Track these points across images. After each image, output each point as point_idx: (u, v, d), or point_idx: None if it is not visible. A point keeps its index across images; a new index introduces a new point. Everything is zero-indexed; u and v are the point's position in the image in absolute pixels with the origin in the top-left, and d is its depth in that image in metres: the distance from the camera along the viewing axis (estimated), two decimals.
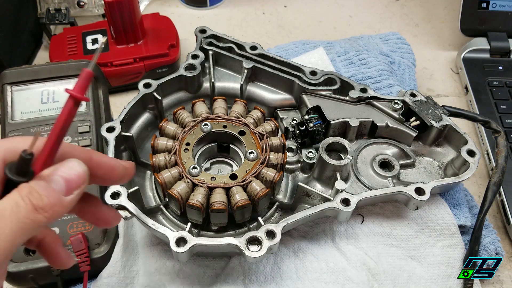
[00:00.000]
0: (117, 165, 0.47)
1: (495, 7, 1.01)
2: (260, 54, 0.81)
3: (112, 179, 0.47)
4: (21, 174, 0.40)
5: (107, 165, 0.46)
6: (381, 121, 0.75)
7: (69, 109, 0.41)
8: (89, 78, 0.41)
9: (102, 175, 0.45)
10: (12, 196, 0.38)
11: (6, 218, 0.37)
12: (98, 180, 0.46)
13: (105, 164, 0.46)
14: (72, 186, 0.41)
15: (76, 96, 0.40)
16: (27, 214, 0.38)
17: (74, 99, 0.41)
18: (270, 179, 0.65)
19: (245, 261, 0.67)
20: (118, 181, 0.48)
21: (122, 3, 0.87)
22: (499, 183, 0.70)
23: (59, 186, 0.40)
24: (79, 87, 0.41)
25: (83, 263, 0.65)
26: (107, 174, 0.46)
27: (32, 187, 0.39)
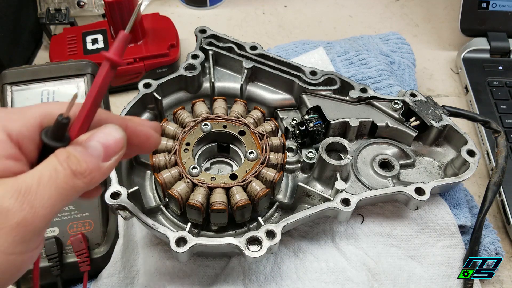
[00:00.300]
0: (151, 133, 0.46)
1: (495, 7, 1.01)
2: (260, 54, 0.81)
3: (146, 147, 0.46)
4: (57, 139, 0.39)
5: (143, 134, 0.45)
6: (381, 121, 0.75)
7: (105, 73, 0.40)
8: (126, 41, 0.39)
9: (137, 143, 0.45)
10: (50, 162, 0.37)
11: (45, 183, 0.36)
12: (133, 149, 0.45)
13: (141, 133, 0.45)
14: (110, 152, 0.40)
15: (112, 59, 0.39)
16: (66, 179, 0.37)
17: (111, 62, 0.39)
18: (270, 179, 0.65)
19: (245, 261, 0.67)
20: (150, 150, 0.47)
21: (122, 3, 0.87)
22: (499, 183, 0.70)
23: (97, 151, 0.39)
24: (115, 49, 0.39)
25: (83, 263, 0.66)
26: (142, 143, 0.45)
27: (70, 152, 0.38)
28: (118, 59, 0.39)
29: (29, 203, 0.35)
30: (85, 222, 0.69)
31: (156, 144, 0.47)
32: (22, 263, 0.37)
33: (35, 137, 0.39)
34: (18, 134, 0.38)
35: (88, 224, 0.68)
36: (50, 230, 0.67)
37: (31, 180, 0.36)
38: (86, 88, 0.78)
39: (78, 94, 0.78)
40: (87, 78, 0.79)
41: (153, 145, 0.47)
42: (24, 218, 0.35)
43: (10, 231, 0.34)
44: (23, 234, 0.35)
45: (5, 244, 0.34)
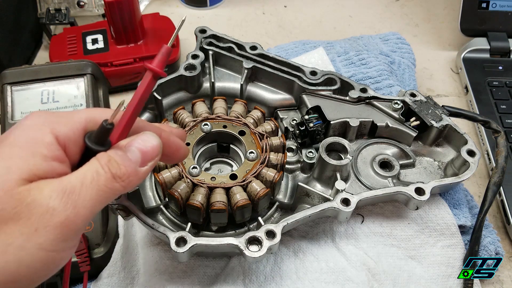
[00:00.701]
0: (182, 145, 0.49)
1: (495, 7, 1.01)
2: (260, 54, 0.81)
3: (175, 158, 0.49)
4: (99, 143, 0.41)
5: (174, 144, 0.48)
6: (381, 121, 0.75)
7: (148, 83, 0.42)
8: (169, 54, 0.42)
9: (167, 153, 0.46)
10: (92, 165, 0.39)
11: (87, 185, 0.38)
12: (164, 158, 0.47)
13: (172, 143, 0.47)
14: (147, 157, 0.42)
15: (156, 71, 0.41)
16: (106, 182, 0.39)
17: (153, 73, 0.42)
18: (270, 179, 0.65)
19: (245, 261, 0.67)
20: (178, 160, 0.50)
21: (122, 3, 0.87)
22: (499, 183, 0.70)
23: (135, 156, 0.41)
24: (158, 62, 0.41)
25: (83, 263, 0.66)
26: (173, 153, 0.48)
27: (111, 156, 0.40)
28: (160, 70, 0.42)
29: (72, 203, 0.37)
30: None
31: (185, 156, 0.50)
32: (60, 260, 0.39)
33: (79, 140, 0.41)
34: (65, 137, 0.40)
35: (88, 224, 0.68)
36: None
37: (75, 181, 0.38)
38: (86, 88, 0.78)
39: (78, 95, 0.78)
40: (87, 78, 0.79)
41: (182, 156, 0.50)
42: (67, 218, 0.37)
43: (53, 229, 0.36)
44: (65, 233, 0.37)
45: (48, 242, 0.36)
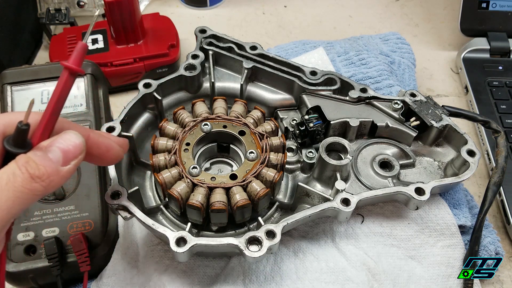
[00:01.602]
0: (113, 146, 0.48)
1: (495, 7, 1.01)
2: (260, 54, 0.81)
3: (107, 159, 0.49)
4: (18, 146, 0.41)
5: (104, 145, 0.47)
6: (381, 121, 0.75)
7: (65, 81, 0.42)
8: (84, 50, 0.43)
9: (98, 154, 0.47)
10: (9, 167, 0.39)
11: (3, 187, 0.38)
12: (94, 159, 0.47)
13: (102, 144, 0.47)
14: (69, 156, 0.41)
15: (71, 68, 0.41)
16: (23, 183, 0.38)
17: (69, 70, 0.42)
18: (270, 179, 0.65)
19: (245, 261, 0.67)
20: (111, 162, 0.49)
21: (122, 3, 0.87)
22: (499, 183, 0.70)
23: (56, 156, 0.40)
24: (74, 59, 0.42)
25: (83, 263, 0.65)
26: (103, 154, 0.47)
27: (29, 157, 0.40)
28: (77, 67, 0.42)
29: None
30: (85, 222, 0.69)
31: (117, 157, 0.50)
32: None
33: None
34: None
35: (88, 224, 0.68)
36: (50, 230, 0.67)
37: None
38: (86, 88, 0.78)
39: (78, 95, 0.78)
40: (87, 78, 0.79)
41: (114, 157, 0.49)
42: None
43: None
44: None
45: None
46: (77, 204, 0.69)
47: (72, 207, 0.69)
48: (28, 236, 0.67)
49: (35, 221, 0.68)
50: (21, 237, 0.67)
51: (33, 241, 0.66)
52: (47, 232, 0.67)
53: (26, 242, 0.66)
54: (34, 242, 0.66)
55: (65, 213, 0.69)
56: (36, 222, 0.68)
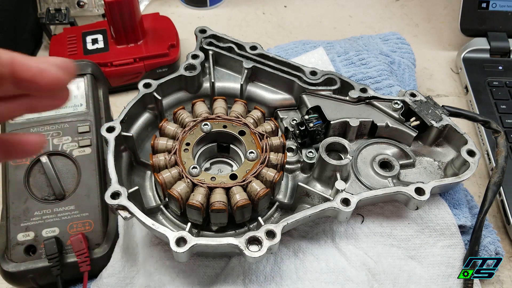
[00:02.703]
0: (47, 68, 0.40)
1: (495, 7, 1.01)
2: (260, 54, 0.81)
3: (42, 84, 0.40)
4: None
5: (35, 67, 0.40)
6: (381, 121, 0.75)
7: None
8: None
9: (30, 77, 0.40)
10: None
11: None
12: (27, 85, 0.40)
13: (32, 65, 0.40)
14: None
15: None
16: None
17: None
18: (270, 179, 0.65)
19: (245, 261, 0.67)
20: (50, 89, 0.41)
21: (122, 3, 0.87)
22: (499, 183, 0.70)
23: None
24: None
25: (83, 263, 0.66)
26: (36, 76, 0.40)
27: None
28: None
29: None
30: (85, 222, 0.69)
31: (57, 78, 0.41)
32: None
33: None
34: None
35: (88, 224, 0.68)
36: (50, 230, 0.67)
37: None
38: (86, 88, 0.78)
39: (78, 95, 0.78)
40: (87, 78, 0.79)
41: (51, 78, 0.41)
42: None
43: None
44: None
45: None
46: (77, 204, 0.69)
47: (72, 207, 0.69)
48: (28, 236, 0.67)
49: (35, 221, 0.68)
50: (21, 237, 0.67)
51: (33, 241, 0.67)
52: (47, 232, 0.67)
53: (26, 242, 0.66)
54: (34, 242, 0.66)
55: (65, 213, 0.69)
56: (36, 222, 0.68)
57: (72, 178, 0.71)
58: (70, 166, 0.72)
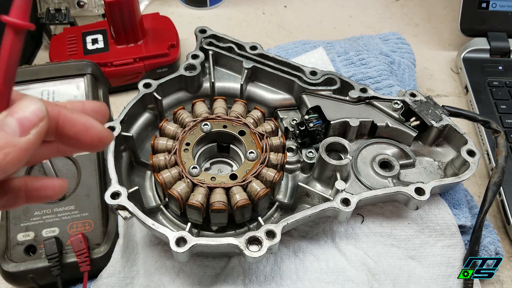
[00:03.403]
0: (92, 124, 0.40)
1: (495, 7, 1.01)
2: (260, 54, 0.81)
3: (88, 140, 0.40)
4: None
5: (80, 123, 0.40)
6: (381, 121, 0.75)
7: (12, 42, 0.34)
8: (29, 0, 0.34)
9: (74, 135, 0.40)
10: None
11: None
12: (70, 140, 0.40)
13: (78, 122, 0.40)
14: (26, 124, 0.36)
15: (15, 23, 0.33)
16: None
17: (13, 27, 0.33)
18: (270, 179, 0.65)
19: (245, 261, 0.67)
20: (93, 146, 0.41)
21: (122, 3, 0.87)
22: (499, 183, 0.70)
23: (11, 127, 0.35)
24: (16, 11, 0.33)
25: (83, 263, 0.66)
26: (81, 134, 0.40)
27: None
28: (23, 22, 0.33)
29: None
30: (85, 222, 0.69)
31: (101, 137, 0.41)
32: None
33: None
34: None
35: (88, 224, 0.68)
36: (50, 230, 0.67)
37: None
38: (86, 88, 0.78)
39: (78, 95, 0.78)
40: (87, 78, 0.79)
41: (96, 137, 0.40)
42: None
43: None
44: None
45: None
46: (77, 204, 0.69)
47: (72, 207, 0.69)
48: (28, 236, 0.67)
49: (35, 221, 0.68)
50: (21, 237, 0.67)
51: (33, 241, 0.66)
52: (47, 232, 0.67)
53: (26, 242, 0.66)
54: (34, 242, 0.66)
55: (65, 213, 0.69)
56: (36, 222, 0.68)
57: (72, 178, 0.71)
58: (70, 166, 0.72)
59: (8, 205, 0.42)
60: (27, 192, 0.42)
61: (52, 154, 0.44)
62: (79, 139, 0.40)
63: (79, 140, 0.40)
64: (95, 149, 0.42)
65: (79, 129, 0.40)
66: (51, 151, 0.44)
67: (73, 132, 0.40)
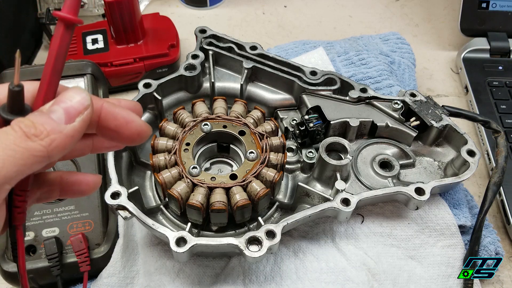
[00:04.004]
0: (133, 119, 0.42)
1: (495, 7, 1.01)
2: (260, 54, 0.81)
3: (128, 133, 0.42)
4: (15, 112, 0.37)
5: (121, 117, 0.41)
6: (381, 121, 0.75)
7: (61, 35, 0.37)
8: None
9: (115, 127, 0.41)
10: (2, 129, 0.35)
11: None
12: (110, 133, 0.41)
13: (119, 115, 0.41)
14: (71, 112, 0.37)
15: (67, 18, 0.36)
16: (16, 140, 0.34)
17: (65, 22, 0.36)
18: (270, 179, 0.65)
19: (245, 261, 0.67)
20: (132, 139, 0.42)
21: (122, 3, 0.87)
22: (499, 183, 0.70)
23: (57, 114, 0.36)
24: (68, 7, 0.36)
25: (83, 263, 0.66)
26: (120, 127, 0.41)
27: (25, 118, 0.36)
28: (74, 17, 0.36)
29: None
30: (85, 222, 0.69)
31: (141, 131, 0.42)
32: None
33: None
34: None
35: (88, 224, 0.69)
36: (50, 230, 0.67)
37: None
38: (86, 88, 0.78)
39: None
40: (87, 78, 0.79)
41: (136, 131, 0.42)
42: None
43: None
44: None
45: None
46: (77, 204, 0.69)
47: (72, 207, 0.69)
48: (28, 236, 0.67)
49: (35, 221, 0.68)
50: None
51: (33, 241, 0.67)
52: (47, 232, 0.67)
53: (26, 242, 0.66)
54: (34, 242, 0.66)
55: (65, 213, 0.69)
56: (36, 222, 0.68)
57: None
58: (70, 166, 0.72)
59: (43, 198, 0.43)
60: (61, 186, 0.44)
61: (87, 151, 0.45)
62: (120, 132, 0.41)
63: (120, 132, 0.42)
64: (134, 143, 0.43)
65: (120, 122, 0.41)
66: (87, 147, 0.45)
67: (114, 125, 0.41)
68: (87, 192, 0.45)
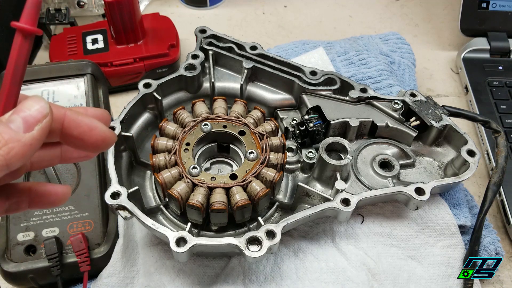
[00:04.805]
0: (96, 125, 0.42)
1: (495, 7, 1.01)
2: (260, 54, 0.81)
3: (91, 141, 0.42)
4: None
5: (84, 124, 0.41)
6: (381, 121, 0.75)
7: (19, 46, 0.37)
8: (37, 6, 0.37)
9: (79, 135, 0.41)
10: None
11: None
12: (75, 140, 0.41)
13: (82, 122, 0.41)
14: (30, 120, 0.37)
15: (23, 28, 0.36)
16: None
17: (23, 32, 0.36)
18: (270, 179, 0.65)
19: (245, 261, 0.67)
20: (97, 146, 0.42)
21: (122, 3, 0.87)
22: (499, 183, 0.70)
23: (15, 123, 0.36)
24: (26, 17, 0.36)
25: (83, 263, 0.66)
26: (84, 134, 0.41)
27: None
28: (31, 27, 0.36)
29: None
30: (85, 222, 0.69)
31: (105, 137, 0.42)
32: None
33: None
34: None
35: (88, 224, 0.69)
36: (50, 230, 0.67)
37: None
38: (86, 88, 0.78)
39: (78, 95, 0.78)
40: (87, 78, 0.79)
41: (99, 137, 0.42)
42: None
43: None
44: None
45: None
46: (77, 204, 0.69)
47: (72, 207, 0.69)
48: (28, 236, 0.67)
49: (35, 221, 0.68)
50: (21, 237, 0.67)
51: (33, 241, 0.67)
52: (47, 232, 0.67)
53: (26, 242, 0.66)
54: (34, 242, 0.66)
55: (65, 213, 0.69)
56: (36, 222, 0.68)
57: (72, 178, 0.71)
58: (70, 166, 0.72)
59: (11, 209, 0.43)
60: (30, 197, 0.43)
61: (55, 161, 0.45)
62: (84, 139, 0.42)
63: (84, 140, 0.42)
64: (98, 150, 0.43)
65: (83, 130, 0.41)
66: (55, 157, 0.45)
67: (78, 133, 0.41)
68: (56, 203, 0.45)
